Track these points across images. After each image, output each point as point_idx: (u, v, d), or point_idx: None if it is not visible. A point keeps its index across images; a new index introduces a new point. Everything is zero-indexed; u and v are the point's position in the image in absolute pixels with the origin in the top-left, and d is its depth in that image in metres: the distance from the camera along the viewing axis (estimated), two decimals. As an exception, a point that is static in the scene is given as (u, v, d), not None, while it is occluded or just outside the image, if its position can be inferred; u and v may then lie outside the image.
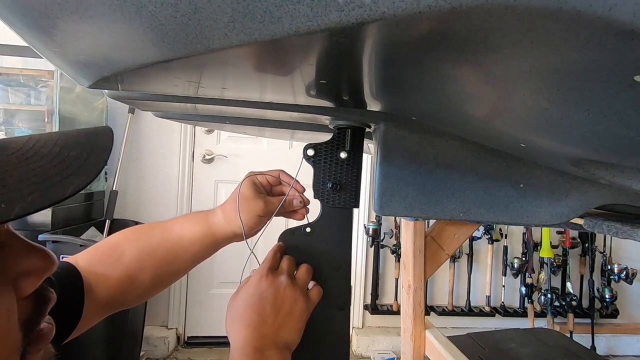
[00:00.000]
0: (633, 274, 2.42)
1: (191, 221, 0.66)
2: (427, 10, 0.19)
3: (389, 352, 2.48)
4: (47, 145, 0.31)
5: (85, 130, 0.35)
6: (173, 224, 0.66)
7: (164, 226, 0.66)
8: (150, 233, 0.65)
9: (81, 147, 0.32)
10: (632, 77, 0.21)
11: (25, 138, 0.32)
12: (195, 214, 0.68)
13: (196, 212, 0.69)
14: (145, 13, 0.25)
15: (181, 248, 0.65)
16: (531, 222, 0.61)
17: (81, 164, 0.30)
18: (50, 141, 0.32)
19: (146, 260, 0.62)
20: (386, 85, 0.40)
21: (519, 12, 0.18)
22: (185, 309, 2.53)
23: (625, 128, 0.29)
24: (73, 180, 0.29)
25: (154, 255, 0.63)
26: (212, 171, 2.54)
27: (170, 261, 0.64)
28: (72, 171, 0.29)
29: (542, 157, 0.53)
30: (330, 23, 0.22)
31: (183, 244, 0.65)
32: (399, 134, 0.60)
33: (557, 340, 1.50)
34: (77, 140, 0.33)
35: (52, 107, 2.08)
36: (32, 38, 0.35)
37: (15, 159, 0.29)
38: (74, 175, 0.29)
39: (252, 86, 0.46)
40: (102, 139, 0.34)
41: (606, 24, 0.17)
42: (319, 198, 0.67)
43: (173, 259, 0.64)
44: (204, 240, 0.65)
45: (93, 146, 0.33)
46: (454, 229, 1.28)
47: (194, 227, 0.65)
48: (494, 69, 0.27)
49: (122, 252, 0.62)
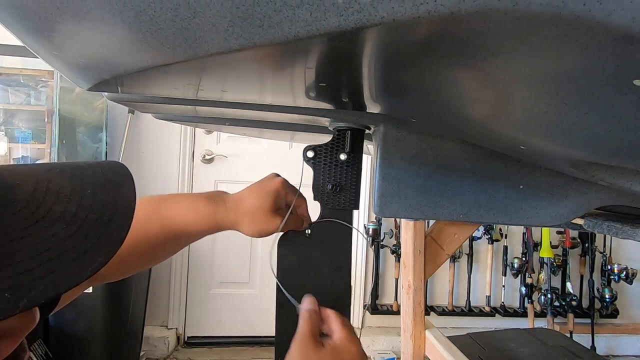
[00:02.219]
0: (633, 274, 2.42)
1: (198, 216, 0.60)
2: (426, 16, 0.19)
3: (389, 352, 2.48)
4: (61, 200, 0.25)
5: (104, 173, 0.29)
6: (172, 214, 0.60)
7: (162, 216, 0.60)
8: (146, 223, 0.58)
9: (101, 205, 0.27)
10: (632, 81, 0.21)
11: (32, 185, 0.26)
12: (205, 205, 0.60)
13: (205, 203, 0.60)
14: (144, 17, 0.25)
15: (182, 238, 0.62)
16: (531, 223, 0.61)
17: (102, 232, 0.25)
18: (64, 192, 0.26)
19: (139, 248, 0.58)
20: (386, 89, 0.40)
21: (518, 17, 0.18)
22: (185, 309, 2.53)
23: (624, 131, 0.29)
24: (93, 256, 0.24)
25: (150, 243, 0.59)
26: (212, 171, 2.54)
27: (168, 246, 0.62)
28: (92, 243, 0.24)
29: (541, 159, 0.53)
30: (330, 28, 0.22)
31: (184, 236, 0.61)
32: (398, 135, 0.60)
33: (557, 340, 1.50)
34: (96, 194, 0.27)
35: (52, 107, 2.08)
36: (31, 41, 0.35)
37: (23, 221, 0.23)
38: (93, 249, 0.24)
39: (252, 89, 0.46)
40: (125, 192, 0.29)
41: (605, 29, 0.17)
42: (318, 200, 0.67)
43: (170, 247, 0.63)
44: (208, 232, 0.62)
45: (115, 204, 0.27)
46: (454, 229, 1.28)
47: (200, 219, 0.60)
48: (493, 73, 0.27)
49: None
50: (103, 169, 0.31)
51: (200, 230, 0.61)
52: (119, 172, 0.31)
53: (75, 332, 1.87)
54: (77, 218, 0.25)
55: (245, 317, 2.56)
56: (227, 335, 2.56)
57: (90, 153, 2.28)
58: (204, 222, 0.60)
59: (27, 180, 0.26)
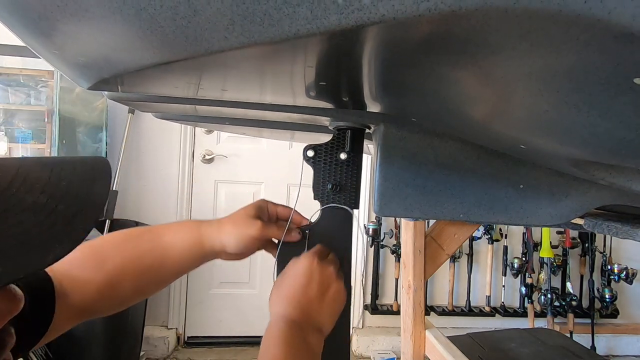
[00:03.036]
0: (633, 274, 2.42)
1: (183, 229, 0.63)
2: (426, 13, 0.19)
3: (389, 352, 2.48)
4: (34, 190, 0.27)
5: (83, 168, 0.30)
6: (164, 231, 0.63)
7: (154, 232, 0.63)
8: (138, 239, 0.62)
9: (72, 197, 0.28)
10: (632, 80, 0.21)
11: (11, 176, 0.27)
12: (189, 221, 0.66)
13: (190, 220, 0.67)
14: (144, 15, 0.25)
15: (169, 257, 0.61)
16: (531, 223, 0.61)
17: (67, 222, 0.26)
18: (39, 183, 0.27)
19: (130, 268, 0.59)
20: (386, 87, 0.40)
21: (519, 14, 0.18)
22: (185, 309, 2.53)
23: (625, 130, 0.29)
24: (55, 246, 0.25)
25: (139, 263, 0.60)
26: (212, 171, 2.54)
27: (156, 271, 0.61)
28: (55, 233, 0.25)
29: (542, 158, 0.53)
30: (330, 26, 0.22)
31: (171, 254, 0.61)
32: (398, 135, 0.60)
33: (557, 340, 1.50)
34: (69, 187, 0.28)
35: (52, 107, 2.08)
36: (31, 40, 0.35)
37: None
38: (56, 239, 0.25)
39: (252, 88, 0.46)
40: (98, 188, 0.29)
41: (605, 26, 0.17)
42: (318, 199, 0.67)
43: (159, 268, 0.61)
44: (193, 251, 0.62)
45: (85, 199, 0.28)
46: (454, 229, 1.28)
47: (185, 235, 0.62)
48: (494, 71, 0.27)
49: (105, 257, 0.58)
50: (84, 164, 0.32)
51: (185, 244, 0.62)
52: (97, 167, 0.32)
53: (75, 332, 1.87)
54: (46, 208, 0.26)
55: (245, 317, 2.56)
56: (227, 335, 2.56)
57: (90, 153, 2.28)
58: (189, 236, 0.62)
59: (7, 172, 0.28)
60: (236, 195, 2.55)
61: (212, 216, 2.52)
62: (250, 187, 2.57)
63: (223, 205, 2.55)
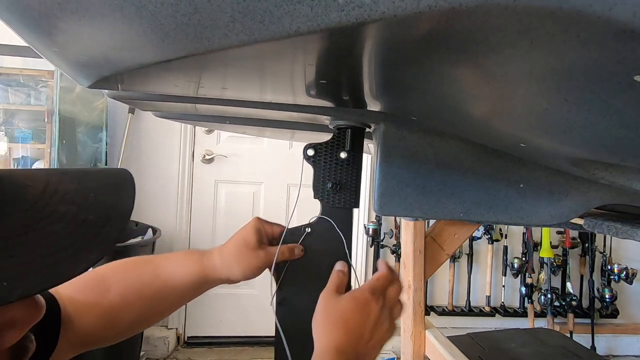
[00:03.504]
0: (633, 274, 2.42)
1: (186, 261, 0.64)
2: (427, 11, 0.19)
3: (389, 352, 2.48)
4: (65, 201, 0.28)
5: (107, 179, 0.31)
6: (166, 261, 0.63)
7: (157, 263, 0.63)
8: (141, 269, 0.62)
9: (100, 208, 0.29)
10: (632, 77, 0.21)
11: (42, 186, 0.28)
12: (191, 253, 0.66)
13: (192, 251, 0.66)
14: (145, 13, 0.25)
15: (172, 288, 0.62)
16: (531, 222, 0.61)
17: (97, 232, 0.27)
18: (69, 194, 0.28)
19: (133, 298, 0.59)
20: (386, 85, 0.40)
21: (519, 12, 0.18)
22: (185, 309, 2.53)
23: (625, 128, 0.29)
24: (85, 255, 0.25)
25: (142, 293, 0.60)
26: (212, 171, 2.54)
27: (159, 301, 0.62)
28: (86, 243, 0.26)
29: (542, 157, 0.53)
30: (330, 23, 0.22)
31: (174, 285, 0.62)
32: (399, 134, 0.60)
33: (557, 340, 1.50)
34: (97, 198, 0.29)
35: (52, 107, 2.08)
36: (31, 38, 0.35)
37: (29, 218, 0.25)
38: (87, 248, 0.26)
39: (252, 86, 0.46)
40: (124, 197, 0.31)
41: (606, 24, 0.17)
42: (318, 198, 0.67)
43: (161, 299, 0.62)
44: (196, 283, 0.63)
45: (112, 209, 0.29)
46: (454, 229, 1.28)
47: (189, 269, 0.63)
48: (494, 69, 0.27)
49: (109, 286, 0.58)
50: (107, 175, 0.33)
51: (189, 277, 0.62)
52: (121, 178, 0.33)
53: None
54: (77, 219, 0.27)
55: (245, 317, 2.56)
56: (227, 335, 2.56)
57: (90, 153, 2.28)
58: (192, 269, 0.62)
59: (38, 182, 0.28)
60: (236, 195, 2.55)
61: (212, 216, 2.54)
62: (250, 187, 2.57)
63: (223, 205, 2.55)
